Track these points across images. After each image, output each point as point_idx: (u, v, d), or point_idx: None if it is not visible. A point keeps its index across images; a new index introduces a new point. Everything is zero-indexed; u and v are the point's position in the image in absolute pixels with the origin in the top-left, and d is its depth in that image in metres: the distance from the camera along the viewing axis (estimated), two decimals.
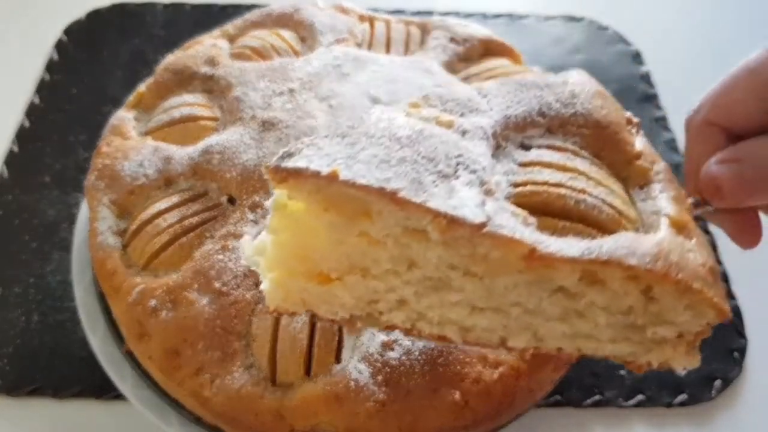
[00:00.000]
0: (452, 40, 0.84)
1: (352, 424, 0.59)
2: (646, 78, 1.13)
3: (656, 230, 0.50)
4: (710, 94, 0.57)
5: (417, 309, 0.50)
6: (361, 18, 0.88)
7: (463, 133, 0.50)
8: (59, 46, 1.12)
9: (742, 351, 0.80)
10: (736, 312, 0.82)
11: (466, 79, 0.80)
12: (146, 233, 0.67)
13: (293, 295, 0.51)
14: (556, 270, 0.45)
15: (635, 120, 0.59)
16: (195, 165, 0.70)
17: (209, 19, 1.11)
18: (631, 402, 0.75)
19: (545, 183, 0.50)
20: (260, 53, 0.82)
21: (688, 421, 0.75)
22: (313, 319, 0.59)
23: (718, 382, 0.77)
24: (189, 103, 0.77)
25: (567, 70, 0.61)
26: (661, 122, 1.06)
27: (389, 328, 0.51)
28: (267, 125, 0.71)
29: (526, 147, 0.54)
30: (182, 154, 0.72)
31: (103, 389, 0.73)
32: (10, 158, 0.96)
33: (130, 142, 0.75)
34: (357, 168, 0.44)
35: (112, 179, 0.71)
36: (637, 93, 1.11)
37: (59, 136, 0.99)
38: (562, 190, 0.49)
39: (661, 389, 0.76)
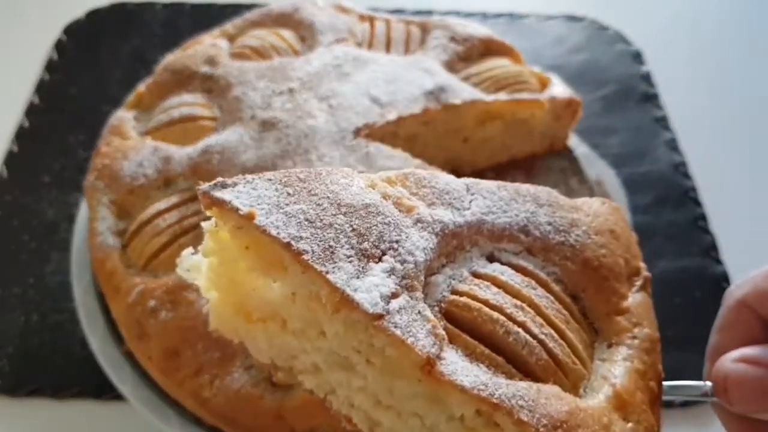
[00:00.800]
0: (452, 39, 0.84)
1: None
2: (646, 78, 1.13)
3: (593, 398, 0.45)
4: (757, 274, 0.50)
5: (329, 380, 0.48)
6: (361, 17, 0.88)
7: (417, 221, 0.47)
8: (59, 45, 1.12)
9: None
10: None
11: (467, 79, 0.80)
12: (146, 233, 0.67)
13: (227, 324, 0.50)
14: (449, 395, 0.42)
15: (645, 274, 0.53)
16: (194, 165, 0.70)
17: (209, 18, 1.11)
18: None
19: (485, 301, 0.45)
20: (260, 53, 0.82)
21: (688, 421, 0.75)
22: None
23: None
24: (188, 103, 0.77)
25: (588, 198, 0.56)
26: (662, 122, 1.06)
27: (307, 392, 0.50)
28: (267, 125, 0.71)
29: (492, 259, 0.50)
30: (182, 154, 0.72)
31: (102, 389, 0.72)
32: (10, 158, 0.96)
33: (129, 142, 0.75)
34: (276, 218, 0.44)
35: (111, 179, 0.71)
36: (638, 93, 1.11)
37: (59, 136, 0.99)
38: (497, 315, 0.45)
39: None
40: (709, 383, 0.50)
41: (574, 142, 0.87)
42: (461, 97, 0.75)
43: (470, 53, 0.83)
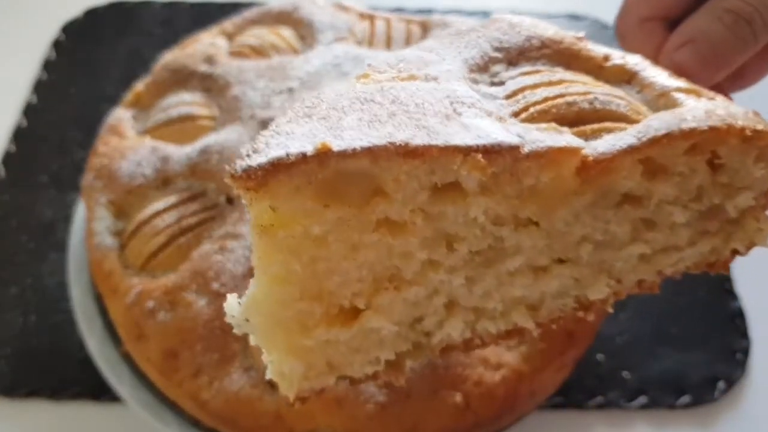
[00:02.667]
0: None
1: (352, 426, 0.58)
2: None
3: (680, 106, 0.44)
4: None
5: (472, 305, 0.42)
6: (361, 16, 0.87)
7: (435, 79, 0.43)
8: (57, 45, 1.12)
9: (746, 352, 0.79)
10: (740, 313, 0.82)
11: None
12: (144, 234, 0.67)
13: (314, 361, 0.41)
14: (616, 173, 0.40)
15: (581, 34, 0.53)
16: (193, 164, 0.70)
17: (207, 17, 1.11)
18: (634, 404, 0.75)
19: (545, 99, 0.43)
20: (259, 52, 0.81)
21: (692, 422, 0.75)
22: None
23: (721, 384, 0.77)
24: (187, 102, 0.76)
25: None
26: None
27: (446, 351, 0.43)
28: (266, 125, 0.70)
29: (498, 84, 0.48)
30: (180, 153, 0.71)
31: (100, 391, 0.72)
32: (7, 158, 0.95)
33: (127, 141, 0.74)
34: (348, 135, 0.35)
35: (109, 179, 0.71)
36: None
37: (56, 135, 0.99)
38: (569, 98, 0.43)
39: (664, 391, 0.76)
40: None
41: None
42: None
43: None
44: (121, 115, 0.78)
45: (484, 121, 0.38)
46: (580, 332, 0.64)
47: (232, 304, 0.39)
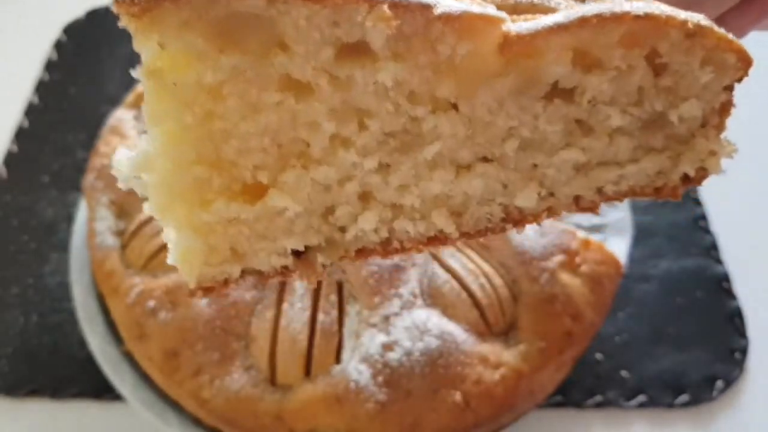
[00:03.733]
0: None
1: (353, 425, 0.59)
2: None
3: None
4: None
5: (388, 199, 0.39)
6: None
7: None
8: (58, 45, 1.12)
9: (744, 352, 0.79)
10: (738, 313, 0.82)
11: None
12: (145, 233, 0.67)
13: (216, 242, 0.38)
14: (542, 55, 0.36)
15: None
16: None
17: None
18: (633, 403, 0.75)
19: None
20: None
21: (690, 421, 0.75)
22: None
23: (719, 383, 0.77)
24: None
25: None
26: None
27: (361, 253, 0.40)
28: None
29: None
30: None
31: (101, 390, 0.72)
32: (9, 158, 0.96)
33: (128, 141, 0.75)
34: None
35: (110, 179, 0.71)
36: None
37: (58, 135, 0.99)
38: None
39: (662, 390, 0.76)
40: None
41: None
42: None
43: None
44: (122, 116, 0.78)
45: None
46: (580, 332, 0.64)
47: (121, 158, 0.35)
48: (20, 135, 0.99)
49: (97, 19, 1.17)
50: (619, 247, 0.72)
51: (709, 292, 0.84)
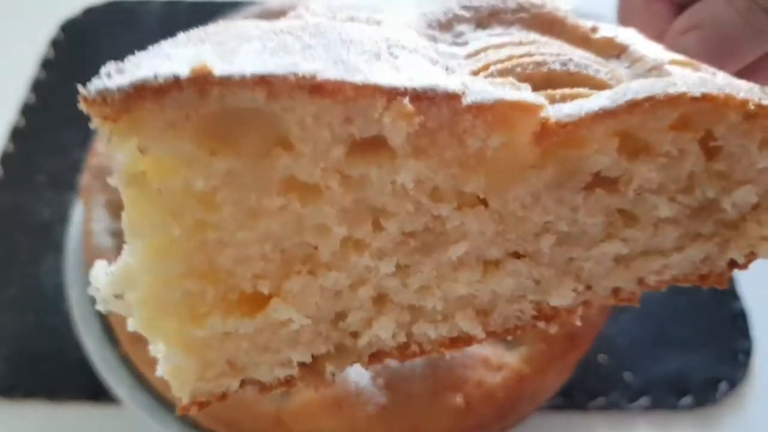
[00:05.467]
0: None
1: (352, 428, 0.58)
2: None
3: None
4: None
5: (407, 302, 0.35)
6: None
7: (378, 23, 0.36)
8: (55, 43, 1.11)
9: (748, 353, 0.79)
10: (742, 314, 0.82)
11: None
12: None
13: (211, 357, 0.32)
14: (585, 144, 0.32)
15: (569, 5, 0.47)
16: None
17: (206, 15, 1.09)
18: (636, 405, 0.74)
19: (510, 57, 0.36)
20: None
21: (694, 423, 0.74)
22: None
23: (723, 385, 0.76)
24: None
25: None
26: None
27: (376, 357, 0.36)
28: None
29: (461, 45, 0.40)
30: None
31: (98, 392, 0.72)
32: (5, 158, 0.95)
33: None
34: (241, 61, 0.27)
35: (107, 179, 0.70)
36: None
37: (54, 135, 0.98)
38: (538, 57, 0.36)
39: (666, 391, 0.75)
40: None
41: None
42: None
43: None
44: None
45: (424, 66, 0.31)
46: (582, 334, 0.63)
47: (99, 274, 0.30)
48: (16, 134, 0.98)
49: (95, 17, 1.16)
50: None
51: (713, 293, 0.83)
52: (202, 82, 0.26)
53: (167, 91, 0.26)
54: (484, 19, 0.41)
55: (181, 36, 0.30)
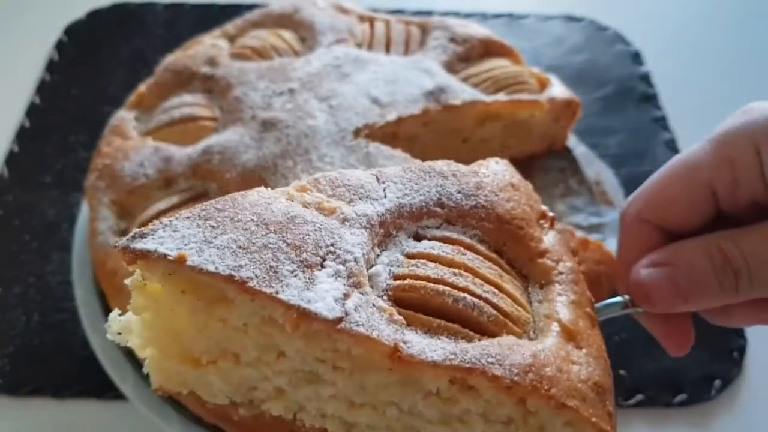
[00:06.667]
0: (452, 40, 0.84)
1: None
2: (645, 78, 1.14)
3: (545, 336, 0.48)
4: (645, 189, 0.54)
5: (295, 399, 0.49)
6: (361, 18, 0.88)
7: (344, 221, 0.48)
8: (60, 46, 1.12)
9: (742, 351, 0.80)
10: None
11: (466, 79, 0.80)
12: None
13: (173, 377, 0.49)
14: (422, 373, 0.44)
15: (550, 215, 0.57)
16: (195, 165, 0.70)
17: (209, 19, 1.11)
18: (631, 402, 0.75)
19: (426, 278, 0.47)
20: (260, 53, 0.82)
21: (688, 421, 0.75)
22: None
23: (717, 382, 0.77)
24: (189, 103, 0.77)
25: (486, 162, 0.58)
26: (661, 122, 1.06)
27: (273, 420, 0.50)
28: (267, 125, 0.71)
29: (419, 237, 0.52)
30: (182, 154, 0.72)
31: (103, 389, 0.73)
32: (11, 158, 0.96)
33: (130, 142, 0.75)
34: (209, 253, 0.43)
35: (112, 179, 0.71)
36: (637, 93, 1.11)
37: (59, 136, 1.00)
38: (441, 287, 0.47)
39: (660, 389, 0.76)
40: (627, 296, 0.55)
41: (573, 141, 0.87)
42: (461, 98, 0.75)
43: (470, 54, 0.84)
44: (124, 116, 0.79)
45: (336, 283, 0.44)
46: None
47: (113, 316, 0.48)
48: (22, 135, 0.99)
49: (99, 20, 1.18)
50: None
51: None
52: (179, 264, 0.43)
53: (159, 261, 0.43)
54: (453, 218, 0.53)
55: (195, 209, 0.46)
